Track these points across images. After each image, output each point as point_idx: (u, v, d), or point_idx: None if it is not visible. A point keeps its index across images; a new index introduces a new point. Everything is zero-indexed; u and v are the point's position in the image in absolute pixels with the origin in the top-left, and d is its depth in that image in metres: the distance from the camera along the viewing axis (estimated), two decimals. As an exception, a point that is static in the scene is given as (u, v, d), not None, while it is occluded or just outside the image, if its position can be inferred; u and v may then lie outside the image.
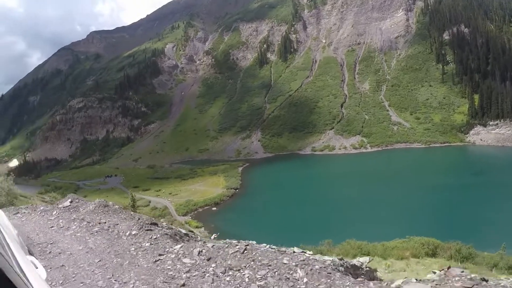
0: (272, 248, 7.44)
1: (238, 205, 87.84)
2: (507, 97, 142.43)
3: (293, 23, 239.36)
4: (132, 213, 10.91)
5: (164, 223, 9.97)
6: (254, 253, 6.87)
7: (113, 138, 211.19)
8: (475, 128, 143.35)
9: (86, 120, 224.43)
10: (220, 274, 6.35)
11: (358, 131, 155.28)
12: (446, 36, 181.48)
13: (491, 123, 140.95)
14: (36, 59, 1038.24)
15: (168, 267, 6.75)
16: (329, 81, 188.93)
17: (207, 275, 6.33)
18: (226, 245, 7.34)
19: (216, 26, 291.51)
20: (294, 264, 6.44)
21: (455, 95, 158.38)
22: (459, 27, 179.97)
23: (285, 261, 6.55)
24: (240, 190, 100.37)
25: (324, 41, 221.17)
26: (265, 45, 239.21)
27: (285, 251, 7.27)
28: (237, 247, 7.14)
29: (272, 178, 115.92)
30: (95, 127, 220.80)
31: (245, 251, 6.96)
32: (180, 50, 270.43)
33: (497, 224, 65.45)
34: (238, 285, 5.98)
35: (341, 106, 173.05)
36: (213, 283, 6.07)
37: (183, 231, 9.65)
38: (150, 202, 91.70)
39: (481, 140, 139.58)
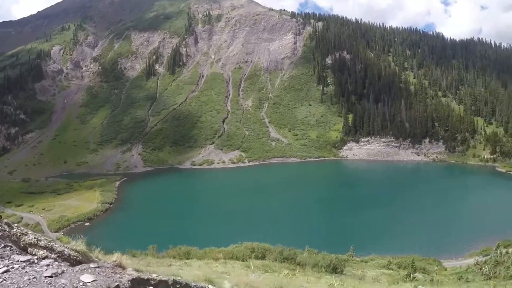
0: None
1: (111, 220, 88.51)
2: (378, 116, 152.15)
3: (185, 36, 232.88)
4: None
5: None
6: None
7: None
8: (348, 144, 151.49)
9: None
10: None
11: (238, 146, 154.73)
12: (329, 61, 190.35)
13: (363, 139, 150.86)
14: None
15: None
16: (214, 97, 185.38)
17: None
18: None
19: (108, 32, 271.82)
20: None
21: (332, 114, 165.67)
22: (342, 53, 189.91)
23: None
24: (115, 205, 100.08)
25: (213, 57, 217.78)
26: (154, 56, 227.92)
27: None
28: None
29: (148, 192, 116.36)
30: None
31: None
32: (67, 54, 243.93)
33: (351, 230, 77.57)
34: None
35: (223, 121, 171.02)
36: None
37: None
38: (22, 218, 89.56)
39: (353, 155, 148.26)
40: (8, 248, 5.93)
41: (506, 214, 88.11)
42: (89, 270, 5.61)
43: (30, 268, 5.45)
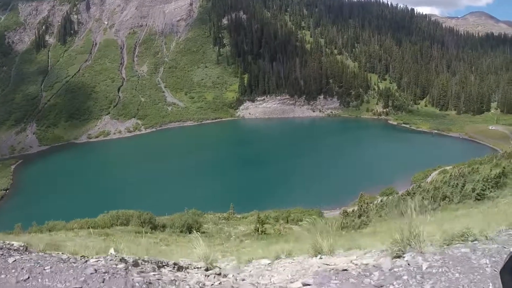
0: None
1: (7, 206, 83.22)
2: (273, 75, 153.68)
3: (76, 2, 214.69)
4: None
5: None
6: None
7: None
8: (244, 104, 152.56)
9: None
10: None
11: (134, 114, 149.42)
12: (225, 21, 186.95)
13: (258, 98, 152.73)
14: None
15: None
16: (108, 65, 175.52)
17: None
18: None
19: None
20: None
21: (228, 75, 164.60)
22: (238, 13, 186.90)
23: None
24: (11, 191, 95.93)
25: (106, 23, 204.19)
26: (44, 27, 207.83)
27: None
28: None
29: (44, 173, 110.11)
30: None
31: None
32: None
33: (243, 188, 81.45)
34: None
35: (118, 90, 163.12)
36: None
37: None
38: None
39: (249, 114, 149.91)
40: None
41: (394, 163, 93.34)
42: None
43: None
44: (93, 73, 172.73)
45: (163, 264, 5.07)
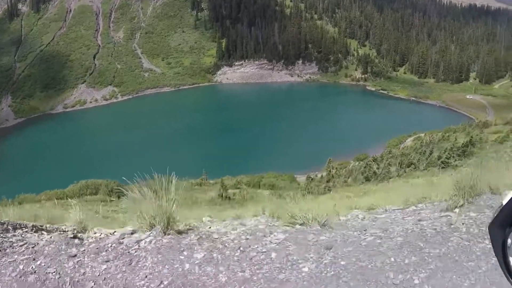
0: None
1: None
2: (251, 40, 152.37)
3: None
4: None
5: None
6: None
7: None
8: (222, 69, 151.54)
9: None
10: None
11: (110, 81, 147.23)
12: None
13: (236, 63, 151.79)
14: None
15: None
16: (83, 32, 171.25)
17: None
18: None
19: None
20: None
21: (206, 40, 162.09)
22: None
23: None
24: None
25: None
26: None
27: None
28: None
29: (20, 146, 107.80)
30: None
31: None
32: None
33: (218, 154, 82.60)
34: None
35: (94, 57, 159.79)
36: None
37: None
38: None
39: (227, 79, 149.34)
40: None
41: (370, 129, 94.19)
42: None
43: None
44: (68, 41, 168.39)
45: (22, 226, 4.88)
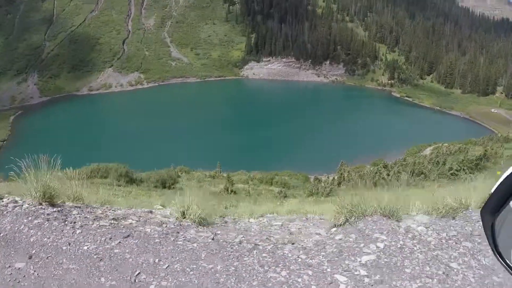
0: None
1: (4, 157, 76.16)
2: (280, 37, 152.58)
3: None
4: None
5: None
6: None
7: None
8: (250, 64, 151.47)
9: None
10: None
11: (137, 68, 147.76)
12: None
13: (264, 59, 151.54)
14: None
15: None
16: (114, 16, 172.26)
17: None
18: None
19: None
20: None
21: (236, 34, 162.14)
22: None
23: None
24: (8, 142, 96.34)
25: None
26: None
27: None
28: None
29: (43, 125, 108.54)
30: None
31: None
32: None
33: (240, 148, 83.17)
34: None
35: (123, 42, 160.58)
36: None
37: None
38: None
39: (254, 74, 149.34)
40: None
41: (392, 135, 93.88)
42: None
43: None
44: (99, 24, 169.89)
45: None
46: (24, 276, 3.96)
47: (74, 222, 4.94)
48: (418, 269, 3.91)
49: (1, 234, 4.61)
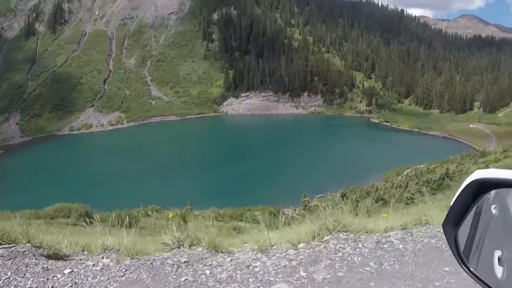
0: None
1: None
2: (258, 71, 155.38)
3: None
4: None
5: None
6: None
7: None
8: (229, 100, 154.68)
9: None
10: None
11: (118, 107, 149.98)
12: (215, 16, 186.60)
13: (242, 94, 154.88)
14: None
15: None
16: (96, 56, 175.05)
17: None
18: None
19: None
20: None
21: (215, 71, 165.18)
22: (229, 9, 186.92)
23: None
24: None
25: (97, 13, 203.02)
26: (34, 14, 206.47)
27: None
28: None
29: (24, 165, 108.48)
30: None
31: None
32: None
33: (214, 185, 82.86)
34: None
35: (104, 82, 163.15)
36: None
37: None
38: None
39: (233, 110, 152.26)
40: None
41: (370, 161, 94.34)
42: None
43: None
44: (81, 64, 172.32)
45: None
46: None
47: None
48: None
49: None
